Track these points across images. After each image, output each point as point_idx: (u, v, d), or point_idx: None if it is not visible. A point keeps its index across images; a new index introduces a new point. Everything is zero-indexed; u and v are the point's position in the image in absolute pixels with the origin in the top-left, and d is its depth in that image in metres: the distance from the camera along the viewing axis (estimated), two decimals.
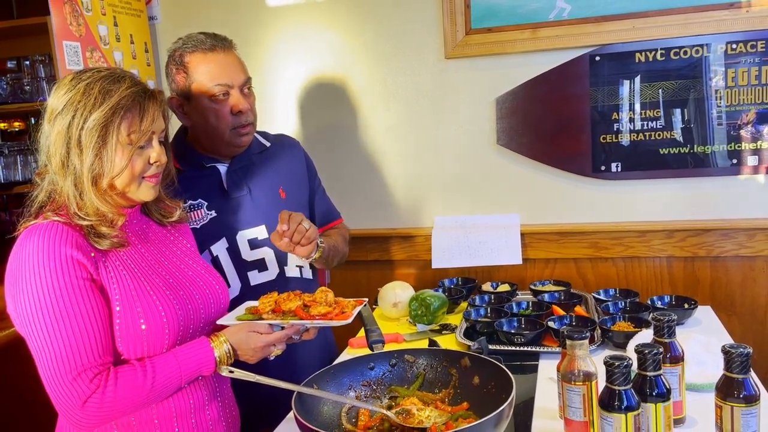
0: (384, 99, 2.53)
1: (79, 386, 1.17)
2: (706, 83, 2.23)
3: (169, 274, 1.37)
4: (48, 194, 1.29)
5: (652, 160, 2.30)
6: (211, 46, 1.72)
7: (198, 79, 1.70)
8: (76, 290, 1.19)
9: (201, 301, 1.39)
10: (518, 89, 2.38)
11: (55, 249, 1.19)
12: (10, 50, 3.03)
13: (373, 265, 2.58)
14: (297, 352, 1.82)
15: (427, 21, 2.43)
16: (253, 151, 1.84)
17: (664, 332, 1.27)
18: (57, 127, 1.24)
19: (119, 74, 1.29)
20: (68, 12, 2.24)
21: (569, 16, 2.30)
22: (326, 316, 1.37)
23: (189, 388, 1.35)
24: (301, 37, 2.57)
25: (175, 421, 1.32)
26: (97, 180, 1.25)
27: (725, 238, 2.26)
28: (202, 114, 1.71)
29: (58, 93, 1.26)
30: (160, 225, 1.45)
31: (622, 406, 1.08)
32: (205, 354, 1.30)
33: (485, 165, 2.46)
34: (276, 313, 1.40)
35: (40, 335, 1.18)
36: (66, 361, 1.17)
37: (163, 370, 1.25)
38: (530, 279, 2.39)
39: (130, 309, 1.26)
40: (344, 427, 1.30)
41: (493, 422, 1.11)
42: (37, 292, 1.18)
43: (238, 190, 1.78)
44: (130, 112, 1.25)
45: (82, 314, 1.19)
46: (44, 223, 1.22)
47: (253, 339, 1.34)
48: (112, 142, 1.23)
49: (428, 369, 1.42)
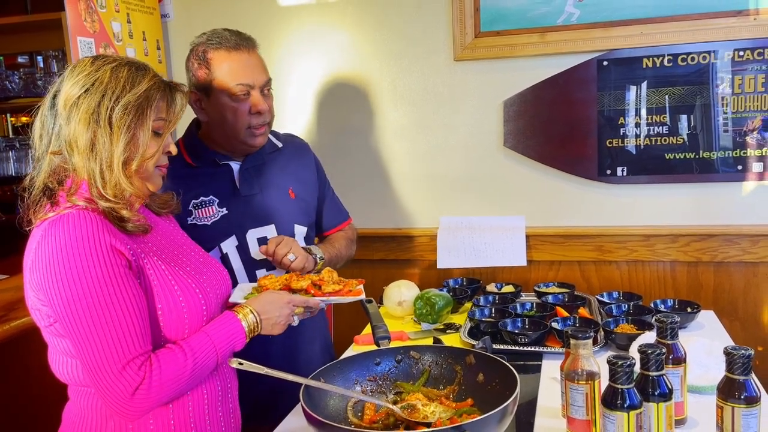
0: (392, 100, 2.55)
1: (128, 376, 1.16)
2: (713, 90, 2.25)
3: (188, 258, 1.39)
4: (56, 179, 1.26)
5: (657, 165, 2.32)
6: (235, 45, 1.72)
7: (220, 76, 1.70)
8: (118, 280, 1.18)
9: (217, 283, 1.41)
10: (526, 92, 2.40)
11: (92, 238, 1.17)
12: (23, 45, 3.07)
13: (378, 264, 2.60)
14: (299, 349, 1.84)
15: (436, 23, 2.45)
16: (265, 150, 1.85)
17: (667, 333, 1.28)
18: (83, 107, 1.21)
19: (140, 63, 1.30)
20: (83, 8, 2.27)
21: (577, 20, 2.31)
22: (339, 293, 1.43)
23: (217, 375, 1.36)
24: (312, 37, 2.59)
25: (207, 409, 1.33)
26: (128, 162, 1.24)
27: (729, 243, 2.28)
28: (220, 111, 1.72)
29: (77, 75, 1.24)
30: (157, 215, 1.46)
31: (624, 405, 1.09)
32: (234, 326, 1.31)
33: (492, 167, 2.47)
34: (285, 291, 1.44)
35: (85, 328, 1.16)
36: (113, 353, 1.16)
37: (200, 347, 1.25)
38: (534, 281, 2.40)
39: (171, 293, 1.27)
40: (350, 420, 1.31)
41: (497, 418, 1.12)
42: (77, 284, 1.15)
43: (249, 188, 1.79)
44: (161, 100, 1.27)
45: (125, 304, 1.18)
46: (72, 212, 1.19)
47: (276, 298, 1.37)
48: (149, 124, 1.25)
49: (433, 365, 1.43)
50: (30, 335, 1.95)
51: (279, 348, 1.76)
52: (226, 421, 1.39)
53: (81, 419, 1.30)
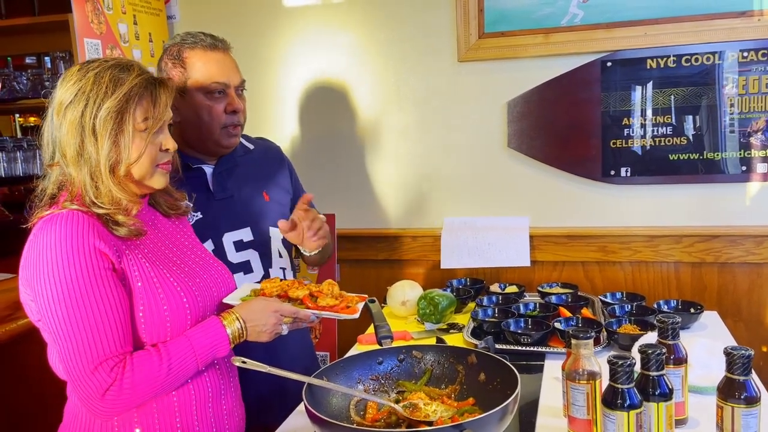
0: (396, 101, 2.56)
1: (99, 377, 1.17)
2: (718, 90, 2.24)
3: (183, 262, 1.39)
4: (58, 186, 1.29)
5: (662, 165, 2.32)
6: (211, 45, 1.72)
7: (195, 75, 1.70)
8: (98, 281, 1.19)
9: (214, 288, 1.41)
10: (530, 93, 2.40)
11: (77, 238, 1.19)
12: (30, 46, 3.09)
13: (382, 264, 2.61)
14: (281, 357, 1.80)
15: (440, 24, 2.46)
16: (237, 153, 1.84)
17: (668, 334, 1.29)
18: (69, 118, 1.23)
19: (126, 63, 1.30)
20: (90, 10, 2.29)
21: (581, 21, 2.32)
22: (333, 308, 1.40)
23: (207, 376, 1.36)
24: (317, 38, 2.60)
25: (195, 409, 1.33)
26: (115, 168, 1.25)
27: (733, 244, 2.27)
28: (195, 110, 1.71)
29: (66, 84, 1.26)
30: (166, 216, 1.46)
31: (624, 404, 1.10)
32: (217, 332, 1.30)
33: (495, 167, 2.48)
34: (282, 298, 1.43)
35: (61, 325, 1.18)
36: (87, 352, 1.18)
37: (178, 352, 1.25)
38: (538, 281, 2.41)
39: (153, 296, 1.27)
40: (353, 419, 1.32)
41: (498, 416, 1.13)
42: (58, 282, 1.17)
43: (223, 191, 1.77)
44: (143, 99, 1.26)
45: (104, 305, 1.19)
46: (63, 212, 1.21)
47: (263, 305, 1.35)
48: (129, 129, 1.24)
49: (435, 365, 1.44)
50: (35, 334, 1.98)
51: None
52: (219, 423, 1.38)
53: (76, 417, 1.31)
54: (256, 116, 1.85)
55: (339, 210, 2.57)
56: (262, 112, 2.63)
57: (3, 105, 2.95)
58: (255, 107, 1.84)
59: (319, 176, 2.59)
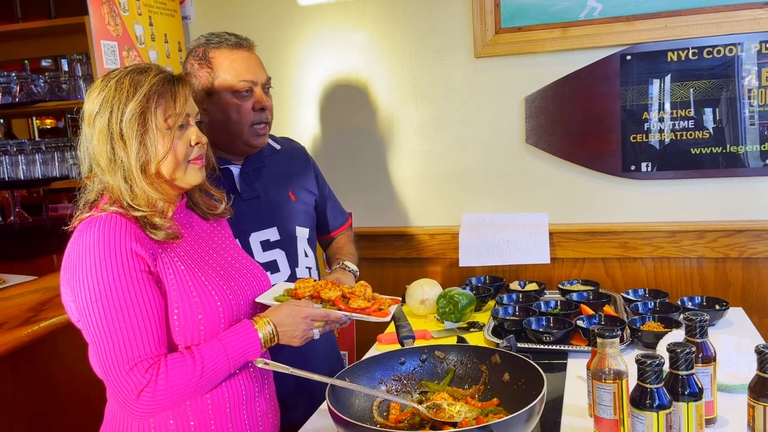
0: (413, 97, 2.54)
1: (134, 377, 1.19)
2: (739, 82, 2.21)
3: (218, 264, 1.40)
4: (98, 194, 1.32)
5: (683, 160, 2.28)
6: (236, 44, 1.73)
7: (222, 74, 1.70)
8: (134, 283, 1.22)
9: (249, 290, 1.42)
10: (548, 88, 2.38)
11: (115, 241, 1.21)
12: (47, 49, 3.11)
13: (400, 263, 2.60)
14: (307, 356, 1.80)
15: (456, 20, 2.44)
16: (264, 153, 1.84)
17: (696, 332, 1.27)
18: (98, 127, 1.28)
19: (144, 66, 1.33)
20: (106, 12, 2.29)
21: (600, 15, 2.29)
22: (365, 311, 1.40)
23: (241, 379, 1.37)
24: (332, 35, 2.59)
25: (229, 412, 1.34)
26: (145, 167, 1.28)
27: (758, 239, 2.24)
28: (224, 109, 1.71)
29: (91, 96, 1.30)
30: (203, 218, 1.48)
31: (653, 405, 1.08)
32: (249, 336, 1.31)
33: (514, 164, 2.46)
34: (314, 299, 1.43)
35: (99, 326, 1.21)
36: (123, 353, 1.20)
37: (211, 355, 1.27)
38: (558, 278, 2.38)
39: (188, 299, 1.29)
40: (376, 419, 1.32)
41: (525, 418, 1.12)
42: (96, 284, 1.20)
43: (250, 191, 1.78)
44: (162, 97, 1.29)
45: (139, 307, 1.22)
46: (103, 215, 1.24)
47: (295, 312, 1.35)
48: (153, 128, 1.27)
49: (458, 365, 1.43)
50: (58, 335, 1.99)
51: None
52: (253, 425, 1.40)
53: (115, 417, 1.34)
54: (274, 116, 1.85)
55: (356, 208, 2.56)
56: (278, 110, 2.61)
57: (21, 108, 2.97)
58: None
59: (336, 175, 2.57)
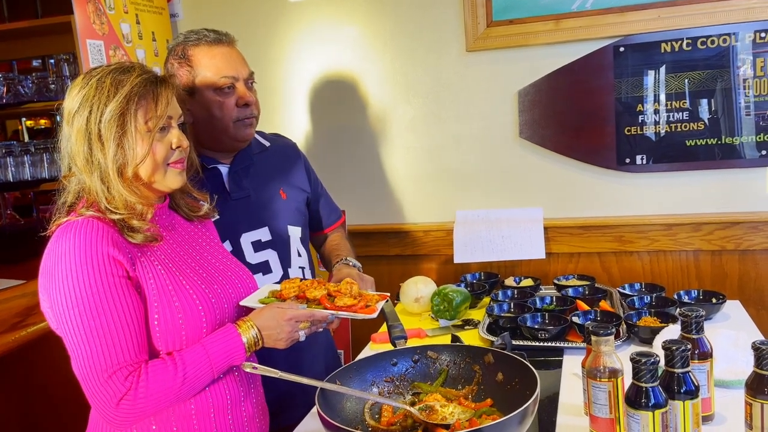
0: (405, 93, 2.51)
1: (113, 385, 1.17)
2: (734, 73, 2.19)
3: (201, 267, 1.37)
4: (76, 195, 1.29)
5: (678, 152, 2.26)
6: (215, 39, 1.70)
7: (203, 72, 1.67)
8: (112, 289, 1.19)
9: (233, 292, 1.39)
10: (541, 81, 2.35)
11: (91, 246, 1.19)
12: (35, 49, 3.07)
13: (394, 260, 2.57)
14: (303, 354, 1.78)
15: (447, 13, 2.41)
16: (253, 150, 1.81)
17: (692, 328, 1.25)
18: (76, 126, 1.25)
19: (128, 65, 1.30)
20: (91, 11, 2.26)
21: (593, 6, 2.26)
22: (351, 308, 1.37)
23: (225, 383, 1.34)
24: (323, 31, 2.56)
25: (213, 416, 1.32)
26: (122, 170, 1.25)
27: (754, 231, 2.22)
28: (206, 107, 1.68)
29: (71, 93, 1.27)
30: (187, 220, 1.45)
31: (649, 404, 1.06)
32: (232, 340, 1.29)
33: (507, 158, 2.44)
34: (300, 299, 1.40)
35: (76, 333, 1.18)
36: (101, 360, 1.17)
37: (193, 361, 1.24)
38: (553, 273, 2.37)
39: (168, 304, 1.26)
40: (367, 422, 1.29)
41: (518, 419, 1.10)
42: (73, 290, 1.18)
43: (240, 191, 1.75)
44: (144, 99, 1.26)
45: (118, 313, 1.19)
46: (80, 220, 1.22)
47: (278, 314, 1.32)
48: (131, 130, 1.24)
49: (451, 365, 1.41)
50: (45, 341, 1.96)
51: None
52: (239, 429, 1.37)
53: (98, 424, 1.31)
54: (263, 112, 1.83)
55: (349, 206, 2.53)
56: (268, 107, 2.59)
57: (9, 109, 2.93)
58: (262, 103, 1.81)
59: (329, 172, 2.54)
